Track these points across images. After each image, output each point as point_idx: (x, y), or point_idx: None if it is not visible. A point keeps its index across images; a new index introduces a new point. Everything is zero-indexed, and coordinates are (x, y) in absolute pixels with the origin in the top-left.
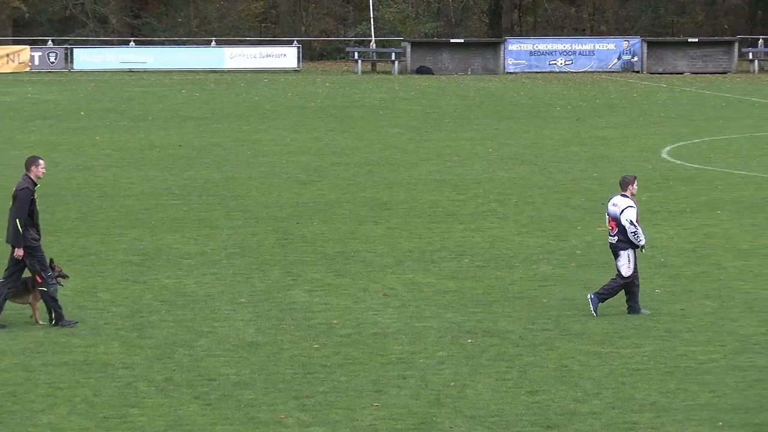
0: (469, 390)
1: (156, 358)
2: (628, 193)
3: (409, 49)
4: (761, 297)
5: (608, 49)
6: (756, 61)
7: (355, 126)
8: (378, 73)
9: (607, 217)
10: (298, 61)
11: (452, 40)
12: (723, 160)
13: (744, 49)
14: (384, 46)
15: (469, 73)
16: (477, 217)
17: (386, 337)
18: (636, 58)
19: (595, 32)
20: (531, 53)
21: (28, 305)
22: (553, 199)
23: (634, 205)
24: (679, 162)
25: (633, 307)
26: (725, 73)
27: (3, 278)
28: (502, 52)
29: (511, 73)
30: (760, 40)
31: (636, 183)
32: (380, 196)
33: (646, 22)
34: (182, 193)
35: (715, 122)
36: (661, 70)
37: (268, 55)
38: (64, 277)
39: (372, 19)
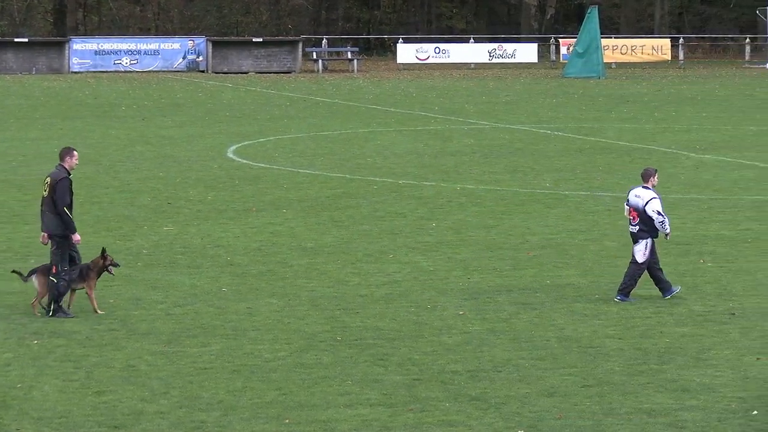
0: (35, 391)
1: None
2: (649, 185)
3: None
4: (326, 295)
5: (173, 49)
6: (320, 61)
7: None
8: None
9: (627, 207)
10: None
11: (16, 40)
12: (288, 159)
13: (308, 49)
14: None
15: (34, 72)
16: None
17: None
18: (201, 58)
19: (161, 32)
20: (96, 53)
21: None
22: (120, 198)
23: (658, 196)
24: (244, 161)
25: (665, 289)
26: (290, 72)
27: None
28: (67, 52)
29: (76, 72)
30: (324, 40)
31: (657, 175)
32: None
33: (212, 21)
34: None
35: (281, 121)
36: (226, 69)
37: None
38: (116, 265)
39: None
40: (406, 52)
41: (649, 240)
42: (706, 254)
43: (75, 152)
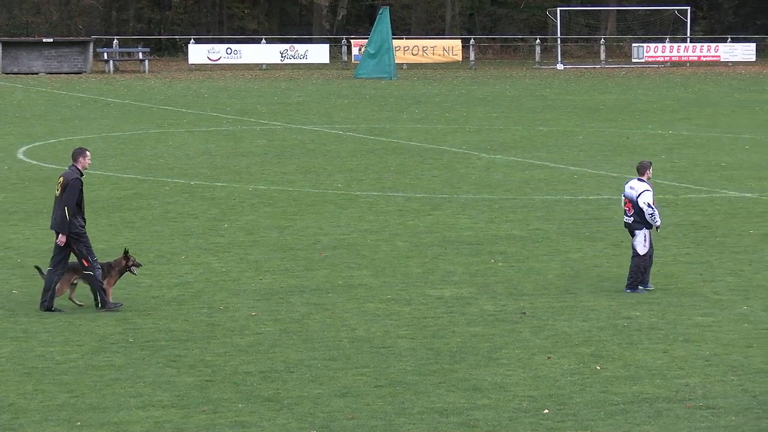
0: None
1: None
2: (644, 178)
3: None
4: (118, 296)
5: None
6: (111, 61)
7: None
8: None
9: (624, 198)
10: None
11: None
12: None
13: (99, 49)
14: None
15: None
16: None
17: None
18: None
19: None
20: None
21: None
22: None
23: (650, 189)
24: (35, 162)
25: (644, 282)
26: (81, 73)
27: (51, 266)
28: None
29: None
30: (115, 41)
31: (651, 168)
32: None
33: (1, 21)
34: None
35: (72, 122)
36: (16, 70)
37: None
38: (138, 266)
39: None
40: (198, 53)
41: (646, 231)
42: (497, 254)
43: (88, 152)
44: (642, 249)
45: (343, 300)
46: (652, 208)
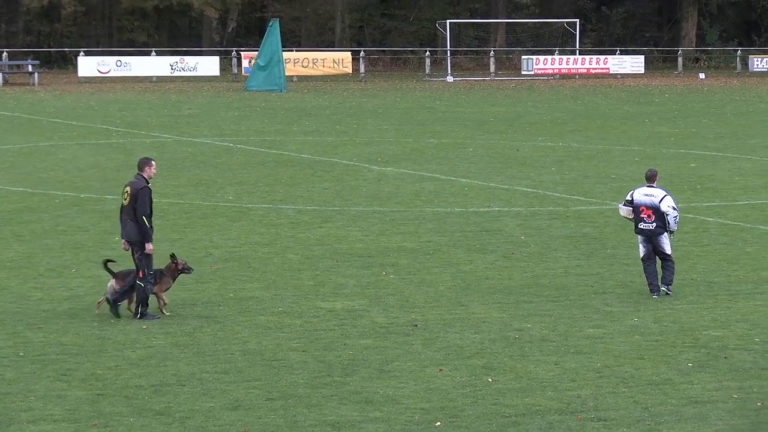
0: None
1: None
2: (654, 184)
3: None
4: (8, 310)
5: None
6: (0, 74)
7: None
8: None
9: (629, 208)
10: None
11: None
12: None
13: None
14: None
15: None
16: None
17: None
18: None
19: None
20: None
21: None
22: None
23: (668, 193)
24: None
25: (668, 279)
26: None
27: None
28: None
29: None
30: (4, 53)
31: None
32: None
33: None
34: None
35: None
36: None
37: None
38: (189, 269)
39: None
40: (88, 65)
41: (667, 233)
42: (388, 266)
43: (153, 162)
44: (670, 249)
45: (235, 313)
46: (677, 210)
